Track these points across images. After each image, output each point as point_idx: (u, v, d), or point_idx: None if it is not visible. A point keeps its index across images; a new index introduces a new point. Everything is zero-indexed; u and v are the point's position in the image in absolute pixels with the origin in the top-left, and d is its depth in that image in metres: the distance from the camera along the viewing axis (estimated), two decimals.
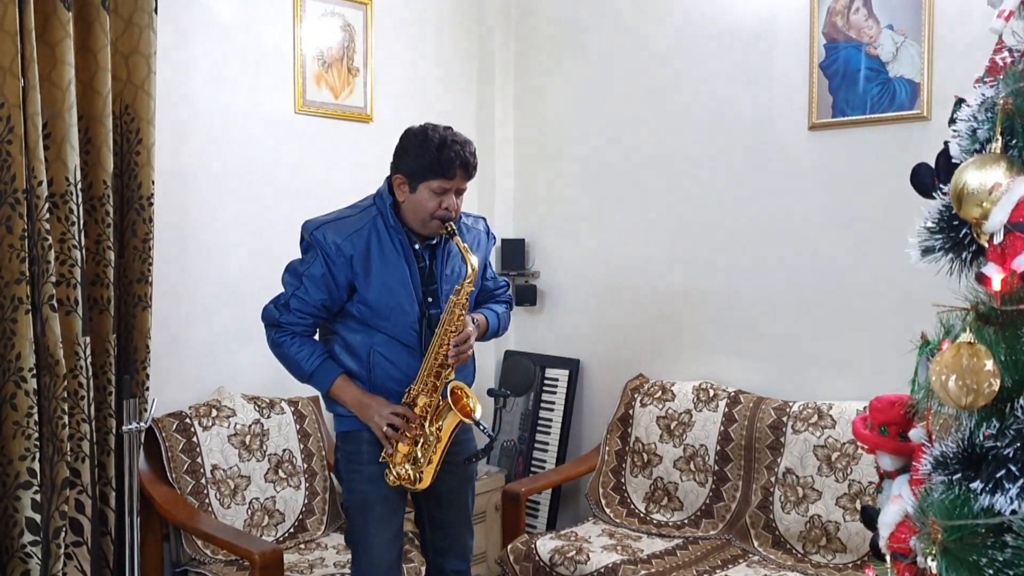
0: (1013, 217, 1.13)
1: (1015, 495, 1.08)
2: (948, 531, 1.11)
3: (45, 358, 2.75)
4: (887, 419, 1.30)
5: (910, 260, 1.31)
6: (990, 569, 1.09)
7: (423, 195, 2.44)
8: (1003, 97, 1.20)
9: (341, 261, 2.46)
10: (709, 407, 3.47)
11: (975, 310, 1.16)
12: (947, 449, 1.18)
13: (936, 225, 1.28)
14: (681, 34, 3.71)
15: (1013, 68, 1.23)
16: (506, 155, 4.28)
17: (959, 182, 1.19)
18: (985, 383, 1.11)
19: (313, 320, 2.54)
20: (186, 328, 3.33)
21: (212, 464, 3.15)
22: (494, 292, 2.79)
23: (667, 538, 3.32)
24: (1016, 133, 1.20)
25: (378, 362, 2.52)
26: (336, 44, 3.70)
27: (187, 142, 3.28)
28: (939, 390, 1.12)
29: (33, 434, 2.72)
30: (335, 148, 3.71)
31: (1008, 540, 1.09)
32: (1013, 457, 1.11)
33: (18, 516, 2.73)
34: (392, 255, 2.48)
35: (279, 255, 3.50)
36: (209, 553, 3.02)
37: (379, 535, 2.54)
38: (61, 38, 2.75)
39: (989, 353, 1.10)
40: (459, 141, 2.44)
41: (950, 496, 1.15)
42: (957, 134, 1.29)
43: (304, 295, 2.49)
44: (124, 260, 3.04)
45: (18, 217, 2.67)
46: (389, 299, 2.48)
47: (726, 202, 3.60)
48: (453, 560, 2.73)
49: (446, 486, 2.62)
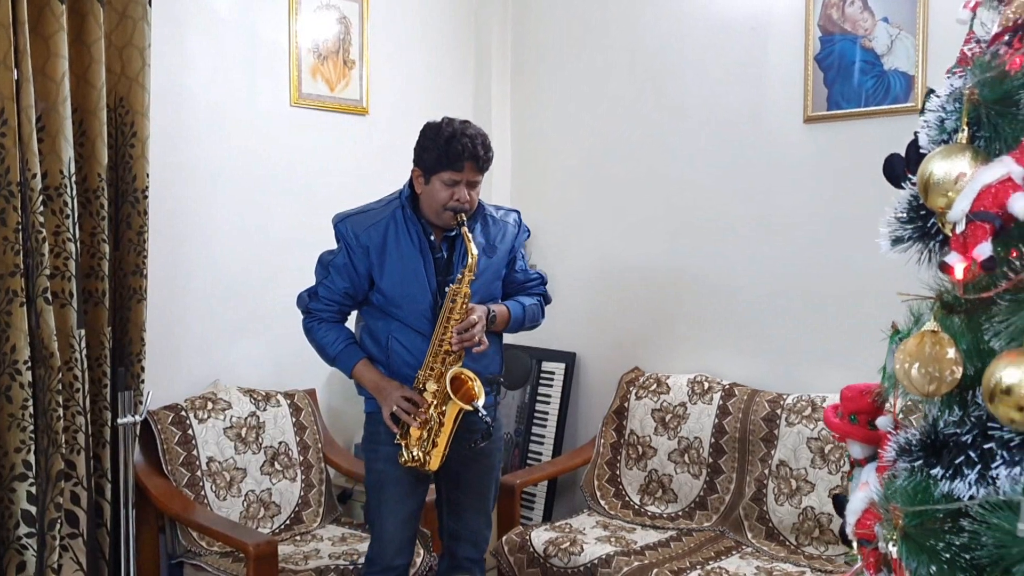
0: (975, 206, 1.14)
1: (974, 481, 1.10)
2: (909, 517, 1.13)
3: (40, 351, 2.76)
4: (857, 408, 1.32)
5: (880, 250, 1.33)
6: (947, 553, 1.11)
7: (436, 187, 2.55)
8: (969, 88, 1.21)
9: (360, 251, 2.60)
10: (704, 400, 3.47)
11: (940, 299, 1.18)
12: (911, 436, 1.20)
13: (905, 215, 1.29)
14: (676, 27, 3.70)
15: (980, 58, 1.24)
16: (502, 148, 4.27)
17: (925, 172, 1.20)
18: (947, 371, 1.13)
19: (339, 307, 2.69)
20: (182, 321, 3.34)
21: (208, 456, 3.16)
22: (524, 284, 2.83)
23: (661, 530, 3.33)
24: (982, 123, 1.21)
25: (395, 348, 2.63)
26: (332, 37, 3.70)
27: (182, 135, 3.28)
28: (903, 378, 1.14)
29: (28, 426, 2.73)
30: (331, 141, 3.71)
31: (965, 525, 1.11)
32: (972, 444, 1.12)
33: (14, 508, 2.74)
34: (407, 246, 2.60)
35: (275, 247, 3.56)
36: (205, 545, 3.04)
37: (392, 514, 2.65)
38: (55, 31, 2.75)
39: (952, 341, 1.12)
40: (470, 134, 2.51)
41: (912, 482, 1.17)
42: (926, 124, 1.31)
43: (330, 284, 2.64)
44: (119, 253, 3.04)
45: (12, 210, 2.68)
46: (402, 288, 2.60)
47: (722, 195, 3.60)
48: (466, 547, 2.79)
49: (465, 471, 2.72)
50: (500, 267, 2.73)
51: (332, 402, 3.73)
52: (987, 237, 1.12)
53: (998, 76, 1.18)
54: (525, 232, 2.83)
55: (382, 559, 2.67)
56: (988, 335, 1.12)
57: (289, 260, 3.45)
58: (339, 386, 3.68)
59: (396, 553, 2.66)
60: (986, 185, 1.12)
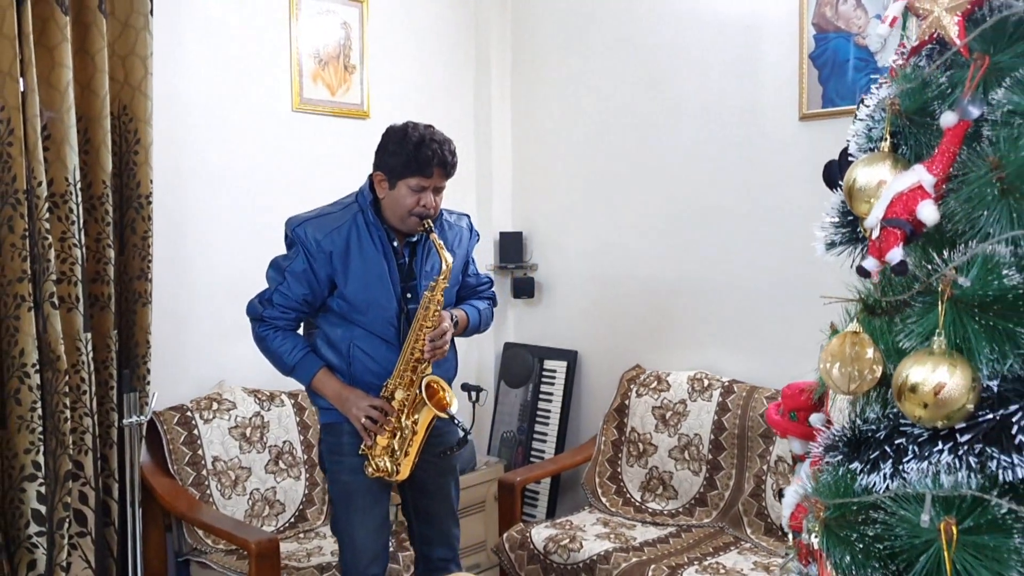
0: (888, 213, 1.18)
1: (888, 474, 1.14)
2: (831, 509, 1.17)
3: (47, 354, 2.83)
4: (796, 405, 1.36)
5: (816, 253, 1.37)
6: (860, 544, 1.15)
7: (402, 192, 2.51)
8: (891, 98, 1.25)
9: (321, 257, 2.53)
10: (703, 397, 3.51)
11: (863, 301, 1.22)
12: (835, 433, 1.24)
13: (838, 219, 1.33)
14: (673, 26, 3.73)
15: (902, 70, 1.28)
16: (503, 149, 4.32)
17: (850, 179, 1.25)
18: (867, 370, 1.17)
19: (296, 315, 2.61)
20: (187, 323, 3.40)
21: (213, 456, 3.22)
22: (476, 288, 2.83)
23: (661, 526, 3.36)
24: (903, 133, 1.25)
25: (357, 356, 2.58)
26: (332, 42, 3.75)
27: (185, 141, 3.34)
28: (825, 377, 1.19)
29: (37, 428, 2.80)
30: (332, 145, 3.77)
31: (878, 517, 1.15)
32: (887, 439, 1.16)
33: (24, 508, 2.81)
34: (371, 251, 2.54)
35: (277, 251, 3.59)
36: (210, 543, 3.10)
37: (362, 525, 2.61)
38: (59, 41, 2.81)
39: (872, 342, 1.16)
40: (438, 140, 2.49)
41: (835, 477, 1.21)
42: (855, 133, 1.34)
43: (286, 290, 2.56)
44: (124, 258, 3.11)
45: (19, 217, 2.74)
46: (367, 294, 2.55)
47: (719, 193, 3.63)
48: (439, 548, 2.79)
49: (429, 477, 2.70)
50: (458, 272, 2.70)
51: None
52: (898, 243, 1.16)
53: (917, 87, 1.22)
54: (476, 236, 2.80)
55: (356, 569, 2.63)
56: (900, 336, 1.16)
57: None
58: None
59: (371, 562, 2.62)
60: (898, 193, 1.17)
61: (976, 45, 1.17)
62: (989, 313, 1.08)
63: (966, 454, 1.07)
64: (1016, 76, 1.14)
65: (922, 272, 1.17)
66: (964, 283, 1.06)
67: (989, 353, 1.07)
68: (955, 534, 1.03)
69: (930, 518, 1.05)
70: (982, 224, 1.12)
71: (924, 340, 1.12)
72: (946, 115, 1.17)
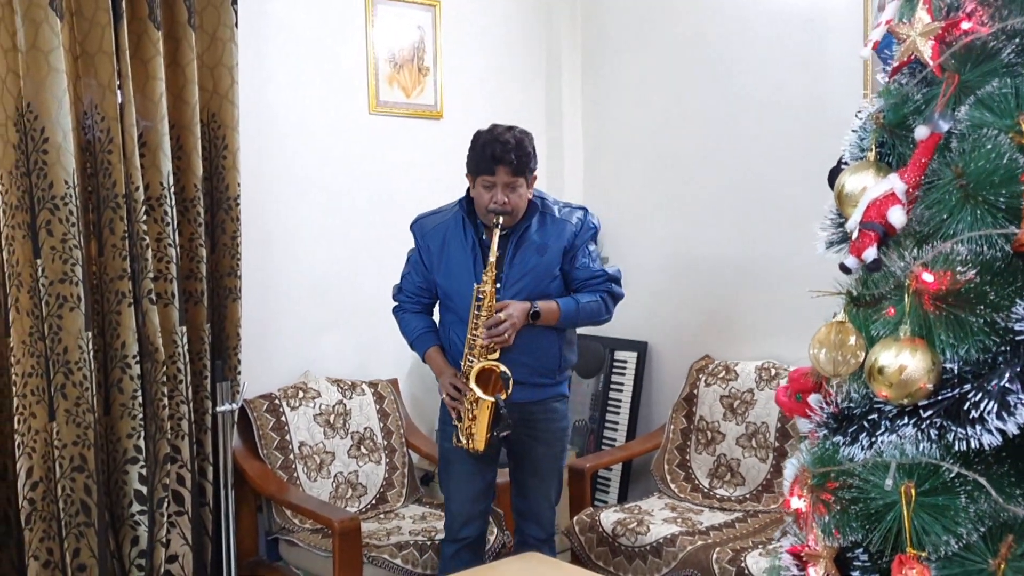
0: (864, 217, 1.31)
1: (866, 446, 1.28)
2: (816, 477, 1.32)
3: (146, 346, 3.05)
4: (801, 387, 1.46)
5: (817, 251, 1.47)
6: (838, 505, 1.30)
7: (478, 190, 2.74)
8: (876, 111, 1.38)
9: (426, 250, 2.88)
10: (771, 386, 3.56)
11: (849, 294, 1.36)
12: (825, 411, 1.38)
13: (835, 221, 1.44)
14: (739, 21, 3.78)
15: (887, 85, 1.39)
16: (575, 146, 4.43)
17: (840, 185, 1.37)
18: (850, 355, 1.29)
19: (417, 299, 2.97)
20: (274, 317, 3.61)
21: (300, 441, 3.42)
22: (587, 281, 2.87)
23: (728, 511, 3.44)
24: (887, 144, 1.38)
25: (451, 339, 2.87)
26: (407, 45, 3.91)
27: (269, 146, 3.55)
28: (813, 362, 1.31)
29: (138, 415, 3.03)
30: (408, 145, 3.93)
31: (852, 483, 1.30)
32: (863, 415, 1.30)
33: (127, 488, 3.05)
34: (459, 244, 2.80)
35: (356, 248, 3.79)
36: (297, 522, 3.30)
37: (458, 490, 2.89)
38: (152, 55, 3.03)
39: (854, 330, 1.27)
40: (501, 140, 2.65)
41: (821, 449, 1.36)
42: (848, 143, 1.45)
43: (409, 278, 2.96)
44: (215, 256, 3.32)
45: (119, 219, 2.97)
46: (453, 284, 2.82)
47: (786, 184, 3.66)
48: (532, 526, 2.98)
49: (530, 453, 2.90)
50: (552, 265, 2.80)
51: (414, 391, 3.96)
52: (873, 243, 1.30)
53: (899, 102, 1.36)
54: (590, 229, 2.86)
55: (451, 531, 2.91)
56: (873, 325, 1.31)
57: (370, 259, 3.71)
58: (420, 376, 3.90)
59: (463, 526, 2.88)
60: (874, 199, 1.30)
61: (949, 65, 1.29)
62: (944, 305, 1.22)
63: (928, 427, 1.20)
64: (979, 94, 1.26)
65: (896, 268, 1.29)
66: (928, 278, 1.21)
67: (946, 339, 1.21)
68: (914, 496, 1.18)
69: (893, 483, 1.20)
70: (945, 226, 1.25)
71: (895, 328, 1.25)
72: (919, 128, 1.30)
